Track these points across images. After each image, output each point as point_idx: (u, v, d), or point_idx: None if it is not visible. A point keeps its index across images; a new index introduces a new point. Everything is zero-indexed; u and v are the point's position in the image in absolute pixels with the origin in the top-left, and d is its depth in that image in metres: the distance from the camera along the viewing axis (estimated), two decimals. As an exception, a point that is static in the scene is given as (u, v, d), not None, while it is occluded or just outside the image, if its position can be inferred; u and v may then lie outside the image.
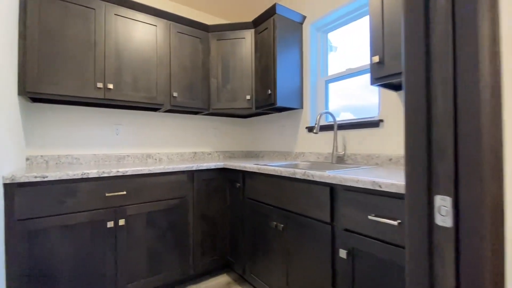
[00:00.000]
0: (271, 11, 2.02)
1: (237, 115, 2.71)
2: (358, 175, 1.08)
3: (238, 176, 1.87)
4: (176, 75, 2.09)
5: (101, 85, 1.73)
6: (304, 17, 2.16)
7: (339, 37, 2.09)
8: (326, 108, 2.12)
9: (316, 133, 1.69)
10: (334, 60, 2.12)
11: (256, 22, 2.18)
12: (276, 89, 1.99)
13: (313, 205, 1.25)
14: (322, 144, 2.02)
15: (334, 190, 1.17)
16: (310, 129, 2.13)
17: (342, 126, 1.84)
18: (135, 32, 1.89)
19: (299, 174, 1.31)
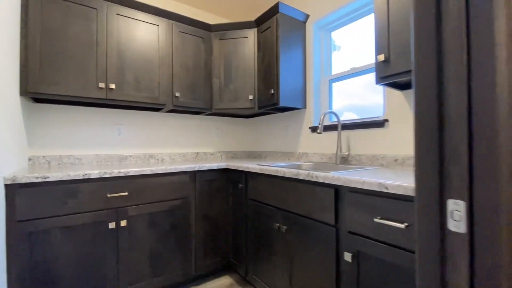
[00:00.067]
0: (274, 10, 2.00)
1: (240, 115, 2.69)
2: (364, 177, 1.05)
3: (241, 176, 1.85)
4: (178, 75, 2.07)
5: (103, 85, 1.72)
6: (307, 16, 2.14)
7: (343, 36, 2.06)
8: (330, 107, 2.09)
9: (320, 133, 1.67)
10: (338, 59, 2.09)
11: (259, 21, 2.16)
12: (279, 88, 1.97)
13: (317, 206, 1.23)
14: (326, 145, 2.00)
15: (338, 192, 1.15)
16: (314, 129, 2.10)
17: (346, 126, 1.82)
18: (137, 32, 1.88)
19: (303, 175, 1.28)
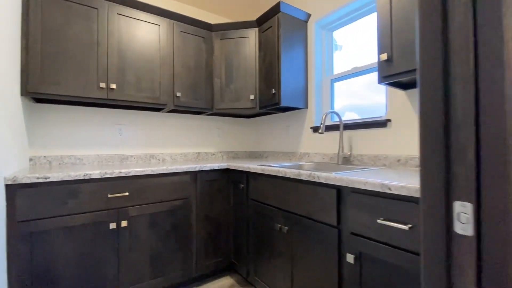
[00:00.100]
0: (275, 9, 1.99)
1: (241, 115, 2.68)
2: (366, 177, 1.04)
3: (242, 177, 1.84)
4: (180, 75, 2.07)
5: (104, 85, 1.72)
6: (308, 15, 2.12)
7: (344, 36, 2.04)
8: (332, 107, 2.07)
9: (321, 133, 1.65)
10: (339, 59, 2.08)
11: (260, 21, 2.15)
12: (280, 88, 1.96)
13: (319, 207, 1.21)
14: (328, 145, 1.98)
15: (340, 192, 1.13)
16: (315, 129, 2.09)
17: (348, 126, 1.80)
18: (138, 32, 1.87)
19: (305, 175, 1.27)
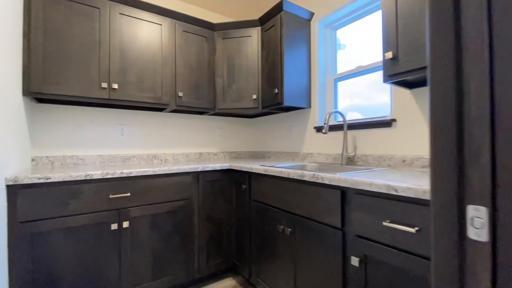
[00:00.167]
0: (278, 8, 1.97)
1: (243, 115, 2.66)
2: (371, 178, 1.01)
3: (244, 177, 1.82)
4: (182, 75, 2.05)
5: (105, 85, 1.71)
6: (312, 14, 2.10)
7: (348, 35, 2.01)
8: (335, 107, 2.05)
9: (325, 133, 1.63)
10: (343, 58, 2.05)
11: (263, 20, 2.13)
12: (283, 88, 1.94)
13: (323, 209, 1.19)
14: (331, 145, 1.95)
15: (345, 194, 1.11)
16: (319, 129, 2.06)
17: (352, 126, 1.77)
18: (140, 31, 1.86)
19: (308, 176, 1.25)
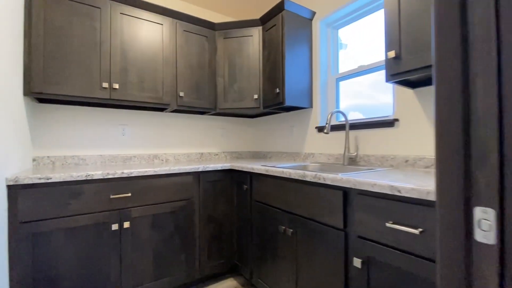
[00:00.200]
0: (279, 7, 1.95)
1: (245, 115, 2.65)
2: (374, 178, 1.00)
3: (246, 177, 1.81)
4: (183, 75, 2.05)
5: (106, 85, 1.71)
6: (313, 13, 2.09)
7: (349, 35, 2.00)
8: (337, 107, 2.03)
9: (327, 133, 1.61)
10: (344, 58, 2.03)
11: (264, 19, 2.12)
12: (284, 87, 1.92)
13: (325, 209, 1.18)
14: (333, 145, 1.94)
15: (347, 194, 1.10)
16: (320, 129, 2.05)
17: (354, 126, 1.76)
18: (140, 31, 1.86)
19: (310, 176, 1.24)
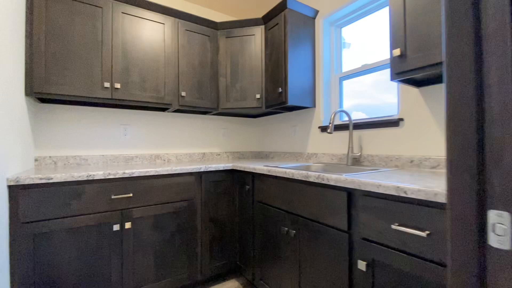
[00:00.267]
0: (281, 6, 1.94)
1: (247, 115, 2.63)
2: (378, 179, 0.98)
3: (248, 178, 1.79)
4: (184, 74, 2.04)
5: (108, 84, 1.70)
6: (316, 12, 2.06)
7: (353, 34, 1.97)
8: (340, 106, 2.01)
9: (330, 132, 1.59)
10: (348, 57, 2.01)
11: (266, 18, 2.10)
12: (287, 87, 1.90)
13: (328, 211, 1.16)
14: (336, 145, 1.92)
15: (351, 195, 1.07)
16: (323, 128, 2.02)
17: (358, 126, 1.73)
18: (142, 31, 1.85)
19: (313, 177, 1.22)
